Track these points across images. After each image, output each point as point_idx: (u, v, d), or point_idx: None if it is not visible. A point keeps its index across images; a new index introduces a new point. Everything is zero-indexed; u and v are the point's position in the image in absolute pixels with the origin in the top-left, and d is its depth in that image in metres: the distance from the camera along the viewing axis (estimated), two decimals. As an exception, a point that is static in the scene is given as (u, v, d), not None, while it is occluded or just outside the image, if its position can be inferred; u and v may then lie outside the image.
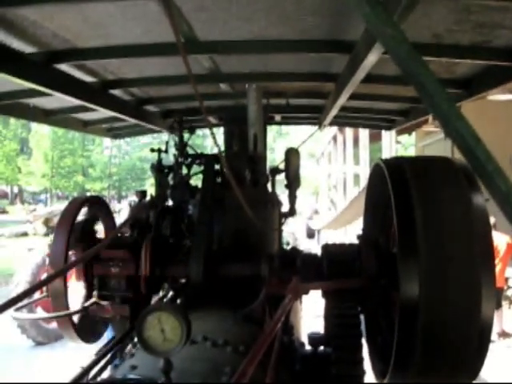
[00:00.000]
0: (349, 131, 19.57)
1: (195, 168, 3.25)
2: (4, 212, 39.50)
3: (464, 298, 1.82)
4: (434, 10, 2.29)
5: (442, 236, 1.86)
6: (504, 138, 8.98)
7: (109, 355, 2.14)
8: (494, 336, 8.46)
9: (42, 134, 39.46)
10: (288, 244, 13.41)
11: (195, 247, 2.56)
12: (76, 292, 2.68)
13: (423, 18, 2.35)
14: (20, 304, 3.05)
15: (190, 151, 3.26)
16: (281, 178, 3.48)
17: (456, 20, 2.38)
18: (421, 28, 2.50)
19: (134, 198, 3.14)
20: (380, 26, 0.85)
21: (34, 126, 38.80)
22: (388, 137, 15.92)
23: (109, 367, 2.11)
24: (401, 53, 0.85)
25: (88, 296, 2.68)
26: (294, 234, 17.52)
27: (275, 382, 1.77)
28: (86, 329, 2.81)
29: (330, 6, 2.39)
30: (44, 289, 2.75)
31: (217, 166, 3.09)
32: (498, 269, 8.43)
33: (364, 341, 2.33)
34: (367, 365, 2.30)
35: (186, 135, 3.23)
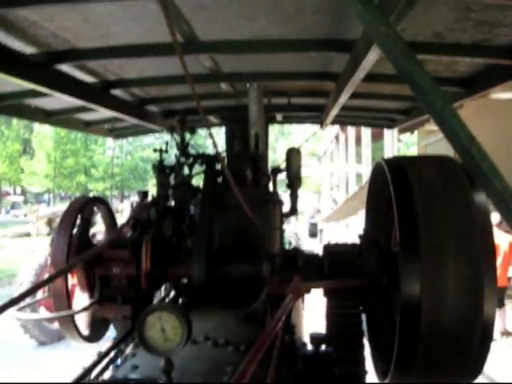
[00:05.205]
0: (351, 130, 19.58)
1: (197, 168, 3.25)
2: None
3: (465, 296, 1.81)
4: (435, 8, 2.28)
5: (443, 235, 1.86)
6: (508, 137, 8.94)
7: (110, 355, 2.14)
8: (496, 335, 8.44)
9: (44, 134, 39.56)
10: (290, 244, 13.39)
11: (197, 247, 2.56)
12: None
13: (424, 17, 2.34)
14: (23, 304, 3.06)
15: (192, 151, 3.26)
16: (282, 177, 3.49)
17: (457, 18, 2.38)
18: (421, 27, 2.49)
19: (136, 198, 3.15)
20: (374, 24, 0.84)
21: (37, 126, 38.92)
22: (390, 136, 15.92)
23: (110, 367, 2.11)
24: (395, 51, 0.83)
25: (90, 296, 2.68)
26: (296, 234, 17.46)
27: (276, 382, 1.77)
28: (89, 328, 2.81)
29: (330, 5, 2.38)
30: (46, 288, 2.75)
31: (218, 166, 3.08)
32: (500, 268, 8.39)
33: (366, 340, 2.33)
34: (369, 364, 2.30)
35: (187, 135, 3.23)
